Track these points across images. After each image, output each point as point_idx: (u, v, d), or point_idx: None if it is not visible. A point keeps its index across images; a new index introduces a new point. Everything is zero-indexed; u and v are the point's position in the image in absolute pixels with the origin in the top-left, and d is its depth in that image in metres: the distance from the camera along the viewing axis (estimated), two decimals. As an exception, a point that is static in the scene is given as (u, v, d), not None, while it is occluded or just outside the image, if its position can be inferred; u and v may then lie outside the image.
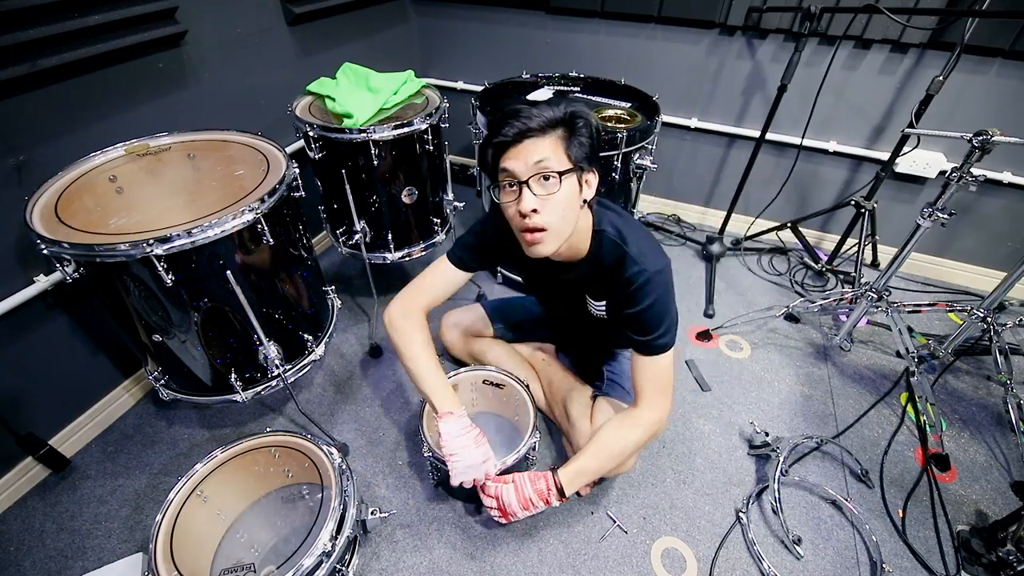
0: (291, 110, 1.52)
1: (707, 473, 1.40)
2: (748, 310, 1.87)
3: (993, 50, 1.64)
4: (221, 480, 1.16)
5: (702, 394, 1.62)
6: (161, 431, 1.51)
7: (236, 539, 1.21)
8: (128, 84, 1.34)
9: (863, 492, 1.36)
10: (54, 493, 1.35)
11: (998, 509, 1.32)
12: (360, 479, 1.38)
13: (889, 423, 1.53)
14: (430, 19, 2.39)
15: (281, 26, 1.73)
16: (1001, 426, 1.53)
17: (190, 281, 1.05)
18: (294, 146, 1.78)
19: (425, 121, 1.47)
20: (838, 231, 2.11)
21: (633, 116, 1.68)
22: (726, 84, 2.05)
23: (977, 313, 1.50)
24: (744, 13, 1.85)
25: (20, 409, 1.29)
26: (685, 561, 1.22)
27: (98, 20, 1.19)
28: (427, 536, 1.26)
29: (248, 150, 1.29)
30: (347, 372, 1.69)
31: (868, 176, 1.98)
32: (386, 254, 1.68)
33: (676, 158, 2.31)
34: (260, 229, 1.09)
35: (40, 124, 1.20)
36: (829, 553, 1.23)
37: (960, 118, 1.77)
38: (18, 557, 1.22)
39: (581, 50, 2.19)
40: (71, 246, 0.95)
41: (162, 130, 1.32)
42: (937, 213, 1.33)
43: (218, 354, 1.20)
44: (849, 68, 1.85)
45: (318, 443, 1.16)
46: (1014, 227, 1.92)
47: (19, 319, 1.23)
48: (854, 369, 1.71)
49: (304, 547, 1.06)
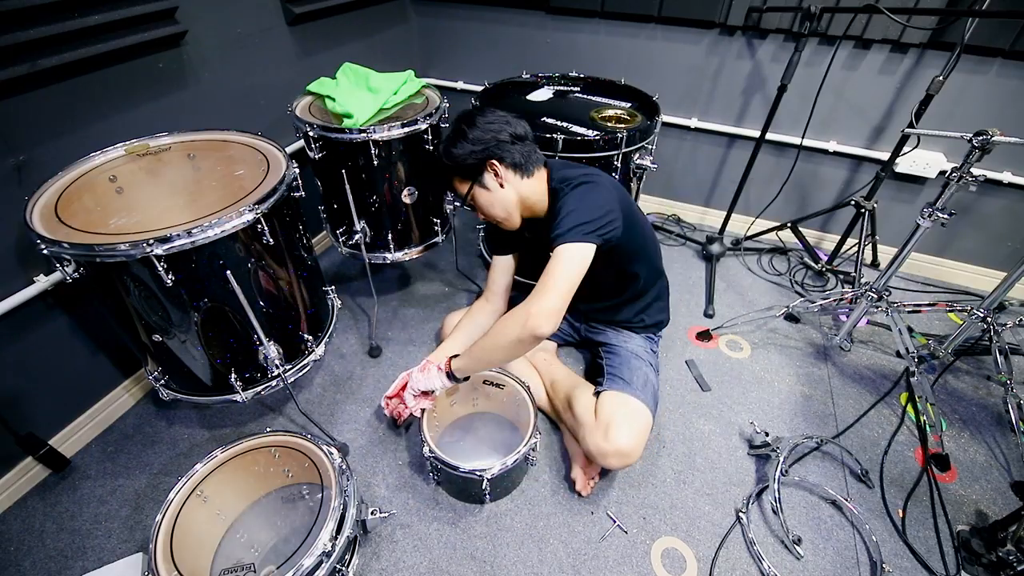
0: (291, 110, 1.52)
1: (707, 473, 1.40)
2: (748, 310, 1.87)
3: (993, 50, 1.64)
4: (221, 480, 1.16)
5: (702, 394, 1.62)
6: (161, 431, 1.51)
7: (236, 539, 1.21)
8: (128, 84, 1.34)
9: (863, 492, 1.36)
10: (54, 493, 1.35)
11: (998, 509, 1.32)
12: (360, 479, 1.38)
13: (889, 423, 1.53)
14: (430, 19, 2.39)
15: (281, 26, 1.73)
16: (1001, 426, 1.53)
17: (190, 281, 1.05)
18: (294, 146, 1.78)
19: (425, 121, 1.47)
20: (838, 231, 2.11)
21: (633, 116, 1.68)
22: (726, 84, 2.05)
23: (977, 313, 1.50)
24: (744, 13, 1.85)
25: (20, 409, 1.29)
26: (685, 561, 1.22)
27: (98, 20, 1.19)
28: (427, 536, 1.26)
29: (248, 150, 1.29)
30: (347, 372, 1.69)
31: (868, 176, 1.98)
32: (386, 254, 1.68)
33: (676, 158, 2.31)
34: (260, 229, 1.09)
35: (40, 124, 1.20)
36: (829, 553, 1.23)
37: (960, 118, 1.77)
38: (18, 557, 1.22)
39: (581, 50, 2.19)
40: (71, 246, 0.95)
41: (162, 130, 1.32)
42: (937, 213, 1.33)
43: (218, 354, 1.20)
44: (849, 68, 1.85)
45: (318, 443, 1.16)
46: (1014, 227, 1.92)
47: (19, 319, 1.23)
48: (854, 369, 1.71)
49: (304, 547, 1.06)
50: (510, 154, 1.19)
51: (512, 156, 1.19)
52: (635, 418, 1.25)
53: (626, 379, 1.33)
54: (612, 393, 1.30)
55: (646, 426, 1.26)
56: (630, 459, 1.22)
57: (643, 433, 1.24)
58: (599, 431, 1.23)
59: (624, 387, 1.31)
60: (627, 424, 1.22)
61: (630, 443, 1.20)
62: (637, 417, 1.25)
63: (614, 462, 1.22)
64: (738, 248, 2.27)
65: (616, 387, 1.32)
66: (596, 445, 1.22)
